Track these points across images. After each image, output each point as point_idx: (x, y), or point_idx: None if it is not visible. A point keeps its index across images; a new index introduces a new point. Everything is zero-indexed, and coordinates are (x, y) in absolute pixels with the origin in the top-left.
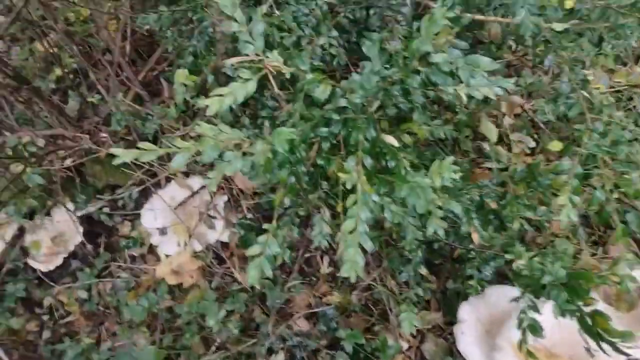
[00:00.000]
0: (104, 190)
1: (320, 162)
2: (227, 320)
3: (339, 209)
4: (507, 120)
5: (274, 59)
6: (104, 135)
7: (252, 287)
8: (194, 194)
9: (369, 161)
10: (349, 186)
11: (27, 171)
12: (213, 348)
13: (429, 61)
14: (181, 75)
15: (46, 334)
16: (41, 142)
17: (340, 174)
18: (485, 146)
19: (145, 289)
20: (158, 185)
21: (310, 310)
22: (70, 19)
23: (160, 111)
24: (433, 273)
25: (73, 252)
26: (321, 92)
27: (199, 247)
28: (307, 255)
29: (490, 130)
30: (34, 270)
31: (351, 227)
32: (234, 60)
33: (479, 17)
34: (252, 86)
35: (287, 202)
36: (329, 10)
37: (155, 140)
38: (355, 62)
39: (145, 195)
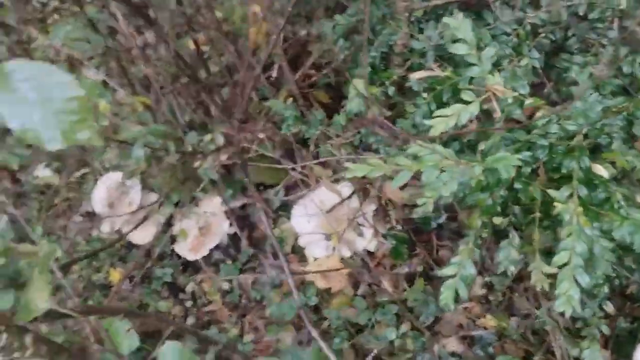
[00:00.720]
0: (249, 187)
1: (518, 185)
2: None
3: (535, 236)
4: None
5: (495, 82)
6: (261, 135)
7: (404, 300)
8: (343, 200)
9: (584, 191)
10: (566, 217)
11: (203, 166)
12: (369, 358)
13: None
14: (357, 84)
15: (191, 320)
16: (220, 140)
17: (556, 204)
18: None
19: (289, 288)
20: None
21: (466, 333)
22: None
23: (321, 117)
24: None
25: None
26: (540, 117)
27: (347, 253)
28: None
29: None
30: (179, 256)
31: (564, 260)
32: (420, 74)
33: None
34: (475, 108)
35: (478, 223)
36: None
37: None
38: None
39: (289, 195)
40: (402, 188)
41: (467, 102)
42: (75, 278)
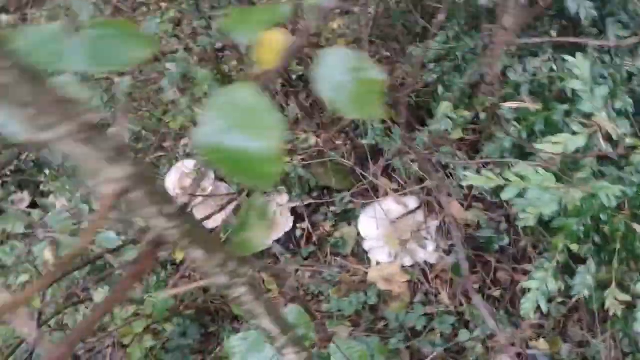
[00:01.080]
0: (315, 189)
1: (603, 216)
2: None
3: (614, 265)
4: None
5: (603, 119)
6: (340, 142)
7: (462, 313)
8: (408, 212)
9: None
10: None
11: (292, 163)
12: None
13: None
14: (446, 107)
15: None
16: (312, 141)
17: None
18: None
19: (348, 287)
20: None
21: (519, 351)
22: None
23: (400, 133)
24: None
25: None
26: (637, 156)
27: (408, 262)
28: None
29: None
30: None
31: None
32: (510, 104)
33: None
34: (582, 140)
35: (561, 246)
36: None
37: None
38: None
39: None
40: (466, 209)
41: (575, 133)
42: None
